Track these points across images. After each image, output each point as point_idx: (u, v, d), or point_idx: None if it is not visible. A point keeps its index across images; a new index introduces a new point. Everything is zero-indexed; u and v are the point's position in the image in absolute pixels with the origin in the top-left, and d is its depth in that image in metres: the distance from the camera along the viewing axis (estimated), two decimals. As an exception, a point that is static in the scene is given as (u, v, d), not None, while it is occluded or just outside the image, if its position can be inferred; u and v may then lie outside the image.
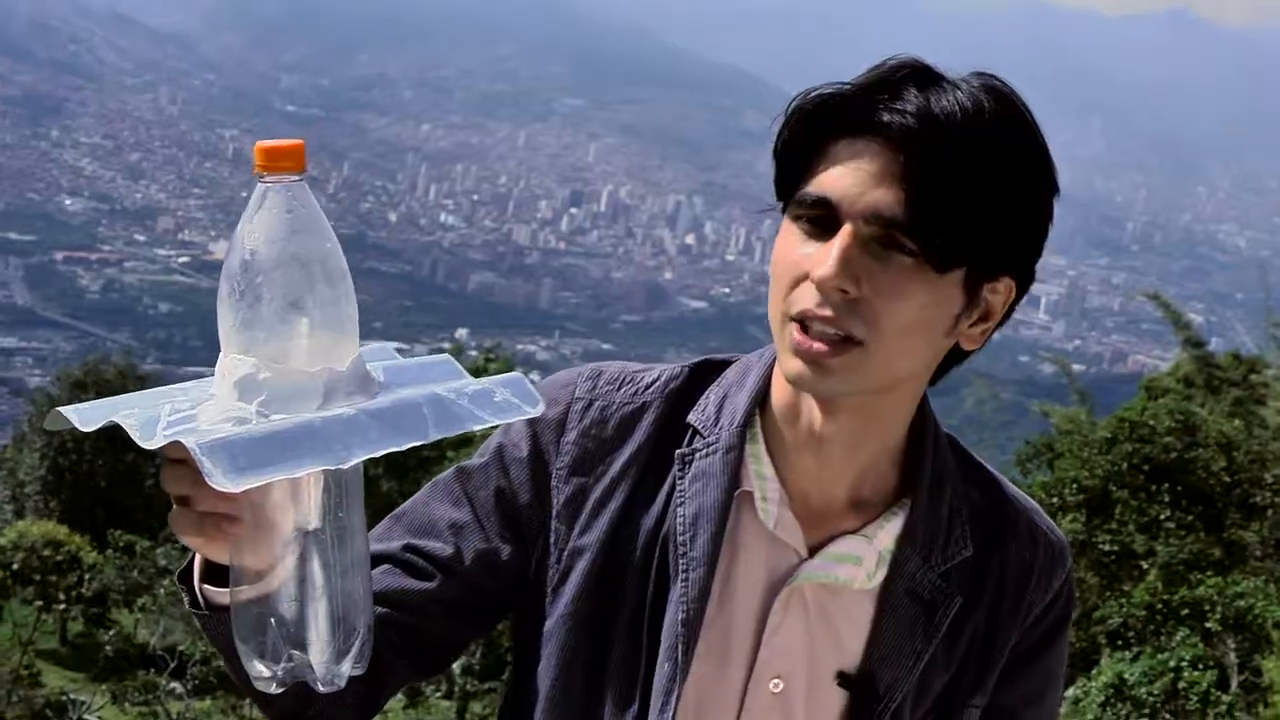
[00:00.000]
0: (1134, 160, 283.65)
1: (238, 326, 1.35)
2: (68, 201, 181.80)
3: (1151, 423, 28.58)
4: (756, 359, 1.83)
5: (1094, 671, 22.86)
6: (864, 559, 1.78)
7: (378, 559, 1.82)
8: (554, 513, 1.82)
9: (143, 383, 49.16)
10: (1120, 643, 24.19)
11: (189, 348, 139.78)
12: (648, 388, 1.85)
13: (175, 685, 24.83)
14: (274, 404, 1.33)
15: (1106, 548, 27.39)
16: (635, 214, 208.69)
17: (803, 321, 1.62)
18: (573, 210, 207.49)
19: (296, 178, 1.36)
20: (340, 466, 1.31)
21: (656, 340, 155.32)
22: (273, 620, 1.38)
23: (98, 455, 44.64)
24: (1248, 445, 29.45)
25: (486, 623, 1.90)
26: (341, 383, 1.36)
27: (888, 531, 1.78)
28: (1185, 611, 23.94)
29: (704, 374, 1.87)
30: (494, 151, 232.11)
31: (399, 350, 1.48)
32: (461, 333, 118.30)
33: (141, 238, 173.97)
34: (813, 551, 1.78)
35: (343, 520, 1.39)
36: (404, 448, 1.35)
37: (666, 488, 1.79)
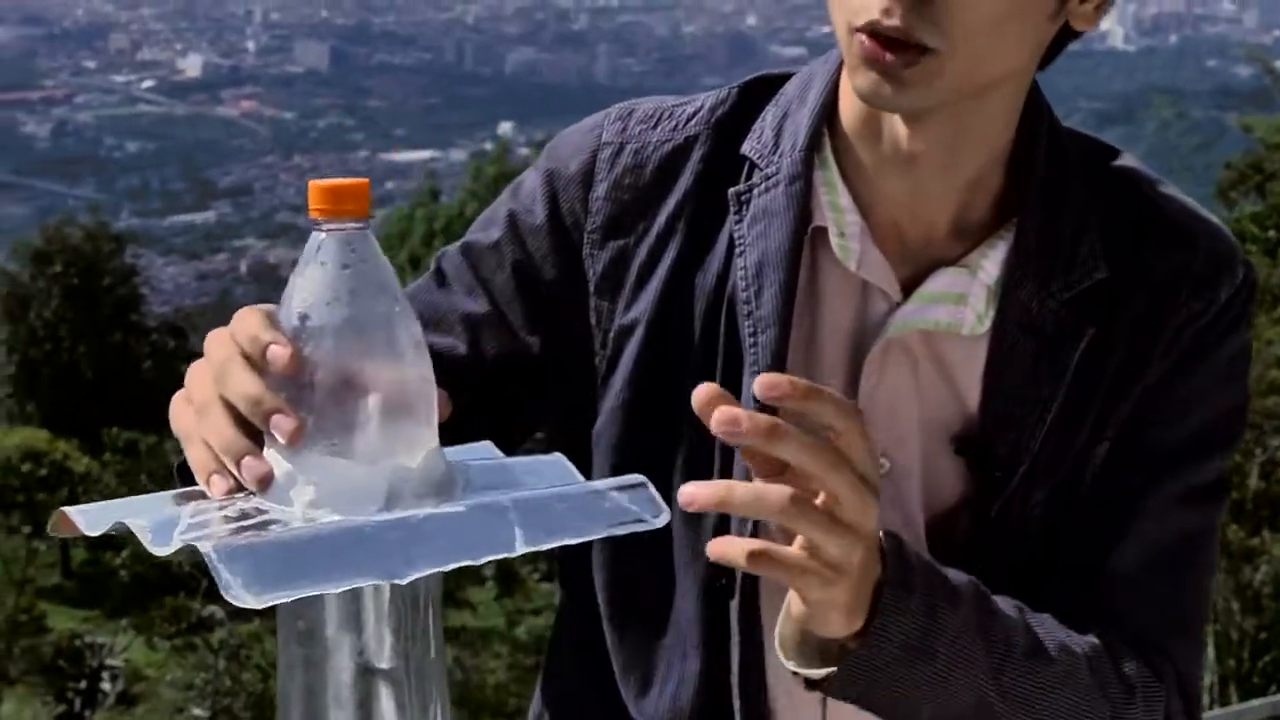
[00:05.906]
0: None
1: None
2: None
3: (1386, 120, 28.16)
4: (821, 64, 1.82)
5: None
6: (969, 295, 1.77)
7: None
8: (591, 287, 1.84)
9: (118, 243, 49.26)
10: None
11: (171, 192, 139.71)
12: (689, 119, 1.86)
13: (213, 609, 24.82)
14: (324, 504, 1.30)
15: (1342, 285, 27.11)
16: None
17: (872, 31, 1.62)
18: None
19: (357, 225, 1.33)
20: (396, 582, 1.25)
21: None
22: None
23: (78, 340, 44.69)
24: None
25: (506, 440, 1.70)
26: (410, 482, 1.32)
27: (993, 259, 1.78)
28: None
29: (758, 95, 1.87)
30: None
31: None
32: (505, 127, 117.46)
33: (91, 64, 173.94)
34: (909, 293, 1.78)
35: (419, 654, 1.34)
36: (481, 561, 1.30)
37: (724, 237, 1.80)
